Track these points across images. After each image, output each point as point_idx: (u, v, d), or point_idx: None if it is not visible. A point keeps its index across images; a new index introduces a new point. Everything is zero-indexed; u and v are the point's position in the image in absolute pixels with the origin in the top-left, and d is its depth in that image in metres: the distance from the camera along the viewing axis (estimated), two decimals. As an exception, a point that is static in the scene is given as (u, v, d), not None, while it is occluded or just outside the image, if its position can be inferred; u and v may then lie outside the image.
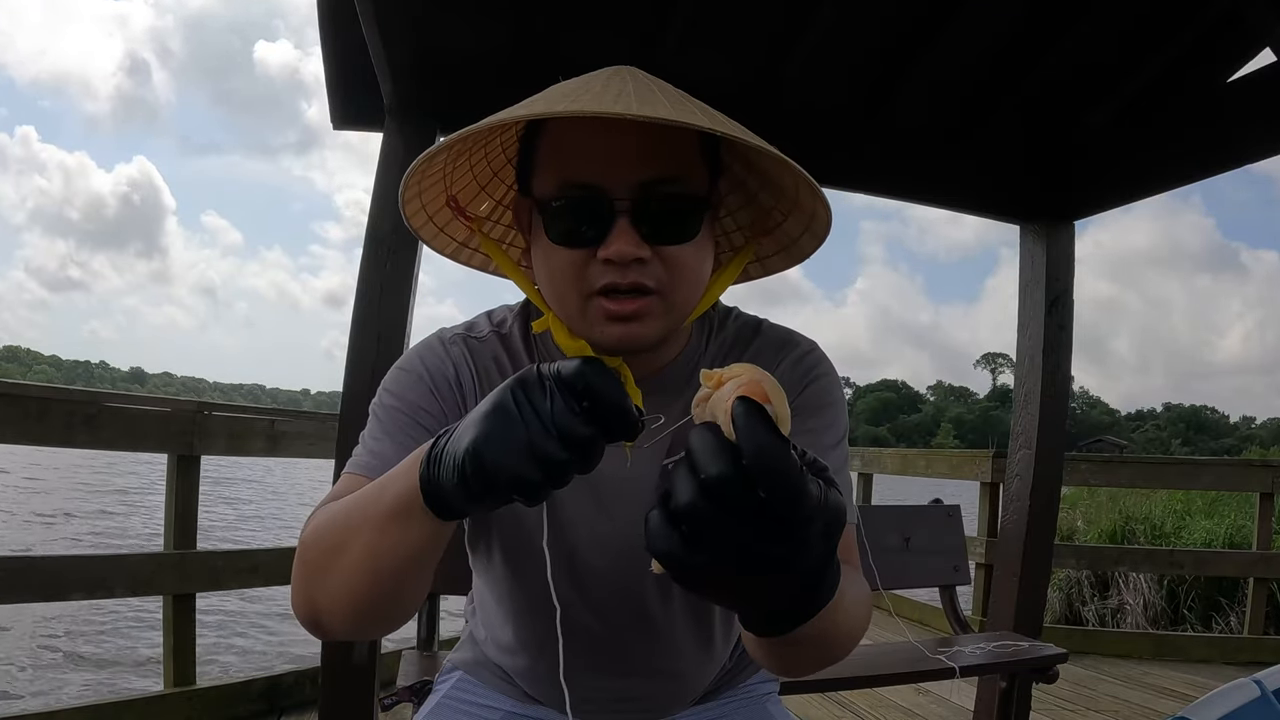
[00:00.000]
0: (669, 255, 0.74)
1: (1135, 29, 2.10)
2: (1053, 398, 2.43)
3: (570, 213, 0.74)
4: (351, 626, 0.71)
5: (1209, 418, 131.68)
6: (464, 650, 1.03)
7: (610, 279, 0.73)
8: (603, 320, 0.75)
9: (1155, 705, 3.33)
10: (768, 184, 0.83)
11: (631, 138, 0.71)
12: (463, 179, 0.86)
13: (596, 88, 0.71)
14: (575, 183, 0.73)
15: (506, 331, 0.88)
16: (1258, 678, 1.04)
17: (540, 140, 0.78)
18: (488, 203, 0.90)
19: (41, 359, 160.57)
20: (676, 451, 0.82)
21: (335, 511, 0.70)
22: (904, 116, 2.26)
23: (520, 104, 0.72)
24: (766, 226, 0.87)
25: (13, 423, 2.42)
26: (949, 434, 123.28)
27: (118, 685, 3.91)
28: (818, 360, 0.89)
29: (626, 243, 0.72)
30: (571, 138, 0.74)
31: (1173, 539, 5.52)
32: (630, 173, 0.72)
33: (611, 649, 0.89)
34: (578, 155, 0.74)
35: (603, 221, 0.72)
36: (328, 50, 1.96)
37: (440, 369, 0.84)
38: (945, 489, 3.30)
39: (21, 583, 2.43)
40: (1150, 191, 2.31)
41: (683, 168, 0.75)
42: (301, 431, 3.12)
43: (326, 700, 1.89)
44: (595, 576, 0.86)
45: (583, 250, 0.74)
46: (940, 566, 2.46)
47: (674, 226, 0.74)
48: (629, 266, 0.72)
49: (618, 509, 0.84)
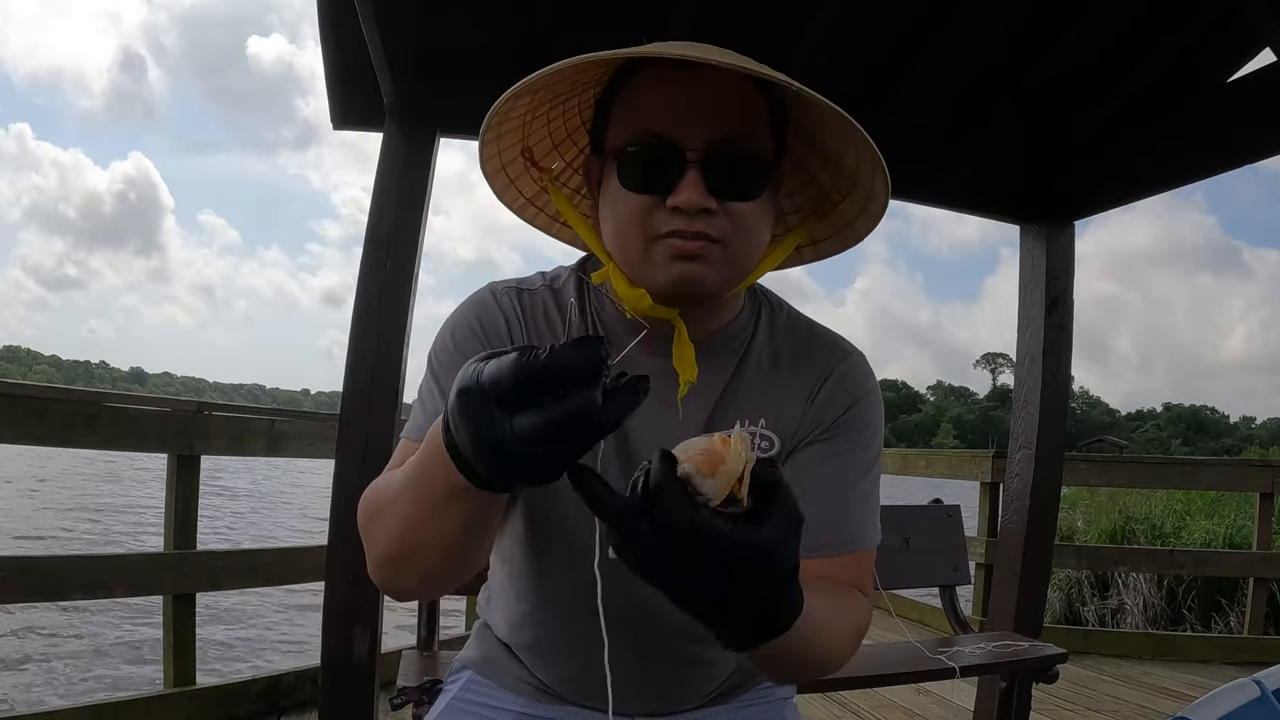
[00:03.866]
0: (734, 210, 0.77)
1: (1135, 29, 2.10)
2: (1053, 398, 2.43)
3: (644, 160, 0.77)
4: (423, 588, 0.76)
5: (1209, 418, 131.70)
6: (474, 648, 1.01)
7: (677, 225, 0.76)
8: (667, 259, 0.77)
9: (1155, 705, 3.33)
10: (828, 163, 0.86)
11: (707, 96, 0.75)
12: (538, 132, 0.88)
13: (681, 44, 0.74)
14: (651, 131, 0.77)
15: (559, 286, 0.90)
16: (1258, 678, 1.05)
17: (618, 98, 0.81)
18: (559, 162, 0.92)
19: (41, 359, 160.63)
20: (714, 426, 0.85)
21: (385, 494, 0.72)
22: (903, 116, 2.26)
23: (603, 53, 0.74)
24: (824, 209, 0.89)
25: (13, 423, 2.42)
26: (949, 434, 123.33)
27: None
28: (865, 376, 0.90)
29: (696, 192, 0.74)
30: (650, 92, 0.78)
31: (1173, 539, 5.52)
32: (704, 128, 0.75)
33: (640, 624, 0.85)
34: (655, 107, 0.77)
35: (674, 171, 0.75)
36: (327, 50, 1.96)
37: (492, 320, 0.86)
38: (945, 489, 3.29)
39: (22, 583, 2.43)
40: (1150, 191, 2.31)
41: (751, 127, 0.78)
42: (301, 432, 3.12)
43: (326, 700, 1.89)
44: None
45: (652, 196, 0.76)
46: (940, 566, 2.46)
47: (740, 183, 0.77)
48: (695, 216, 0.75)
49: None
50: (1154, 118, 2.24)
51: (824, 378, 0.88)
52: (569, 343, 0.51)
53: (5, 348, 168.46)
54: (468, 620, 3.72)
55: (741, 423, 0.87)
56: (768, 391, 0.88)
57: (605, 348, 0.51)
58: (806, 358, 0.89)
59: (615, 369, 0.52)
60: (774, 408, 0.87)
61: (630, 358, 0.81)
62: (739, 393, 0.87)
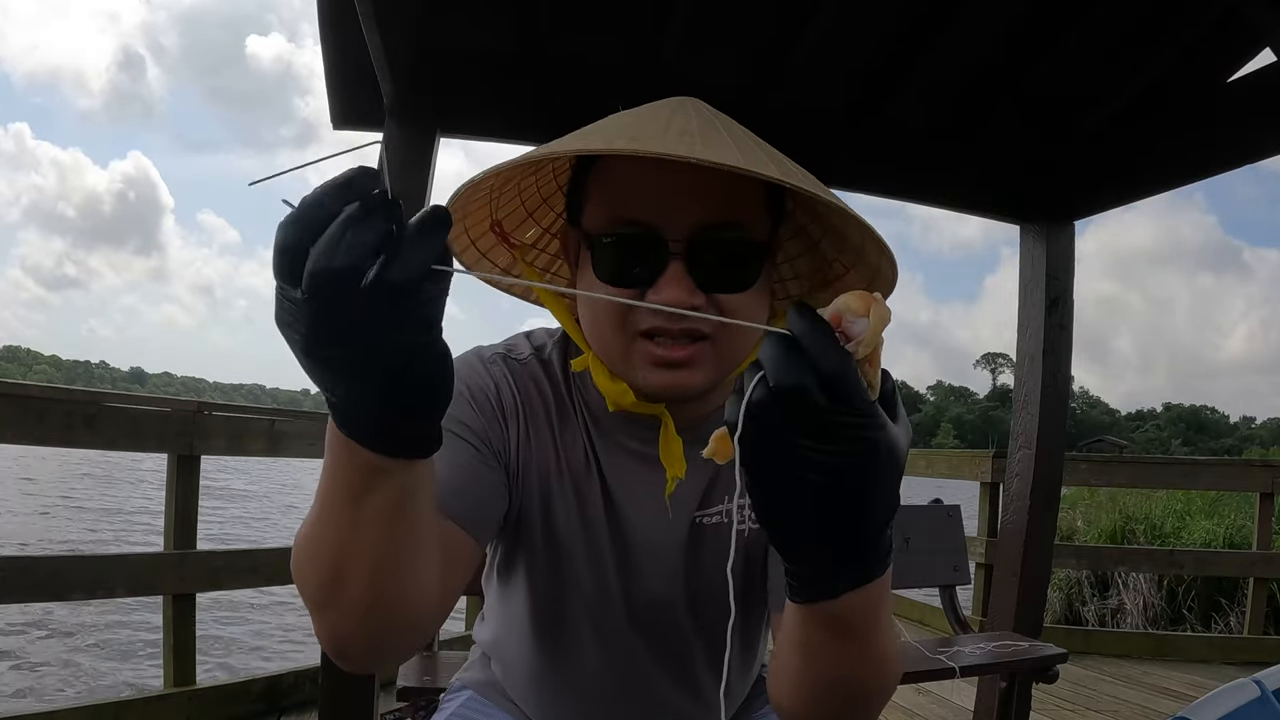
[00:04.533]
0: (723, 303, 0.70)
1: (1135, 29, 2.09)
2: (1053, 398, 2.43)
3: (620, 250, 0.70)
4: (365, 639, 0.62)
5: (1209, 418, 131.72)
6: (474, 670, 1.01)
7: (659, 323, 0.69)
8: (647, 365, 0.71)
9: (1155, 705, 3.33)
10: (831, 233, 0.80)
11: (690, 177, 0.66)
12: (510, 203, 0.82)
13: (660, 123, 0.66)
14: (628, 219, 0.70)
15: (546, 358, 0.84)
16: (1258, 678, 1.05)
17: (594, 170, 0.73)
18: (534, 229, 0.85)
19: (41, 359, 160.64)
20: (705, 505, 0.82)
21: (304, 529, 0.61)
22: (904, 117, 2.26)
23: (576, 133, 0.68)
24: (826, 279, 0.82)
25: (13, 423, 2.42)
26: (949, 434, 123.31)
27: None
28: None
29: (679, 289, 0.67)
30: (627, 172, 0.70)
31: (1173, 539, 5.52)
32: (687, 214, 0.68)
33: (632, 701, 0.89)
34: (632, 191, 0.69)
35: (654, 263, 0.68)
36: (327, 50, 1.96)
37: (480, 385, 0.80)
38: (945, 489, 3.30)
39: (22, 583, 2.43)
40: (1150, 191, 2.31)
41: (743, 211, 0.71)
42: (301, 432, 3.12)
43: (326, 700, 1.89)
44: (626, 630, 0.86)
45: (631, 290, 0.69)
46: (940, 566, 2.47)
47: (730, 274, 0.70)
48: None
49: (648, 569, 0.83)
50: (1154, 118, 2.24)
51: None
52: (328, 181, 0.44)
53: (5, 348, 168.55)
54: (468, 621, 3.72)
55: (729, 497, 0.82)
56: None
57: (372, 178, 0.44)
58: None
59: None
60: None
61: (619, 446, 0.82)
62: (730, 469, 0.85)
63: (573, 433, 0.83)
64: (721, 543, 0.82)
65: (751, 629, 0.91)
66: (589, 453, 0.83)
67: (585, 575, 0.83)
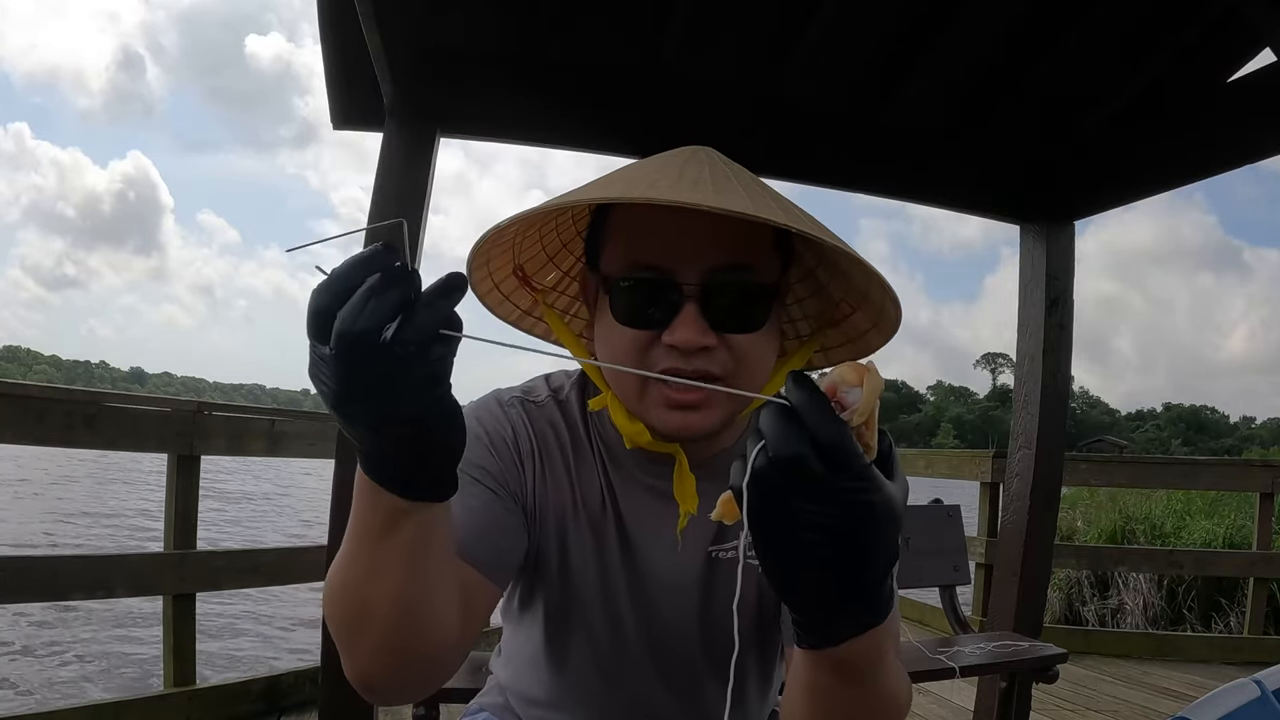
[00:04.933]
0: (735, 344, 0.73)
1: (1135, 29, 2.09)
2: (1053, 398, 2.43)
3: (637, 293, 0.74)
4: (390, 673, 0.66)
5: (1209, 418, 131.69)
6: (492, 695, 1.03)
7: (673, 364, 0.72)
8: (662, 406, 0.74)
9: (1155, 705, 3.33)
10: (838, 276, 0.83)
11: (704, 224, 0.69)
12: (532, 247, 0.86)
13: (674, 172, 0.71)
14: (644, 264, 0.73)
15: (564, 399, 0.88)
16: (1258, 678, 1.05)
17: (612, 217, 0.77)
18: (555, 273, 0.89)
19: (41, 359, 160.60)
20: (720, 540, 0.84)
21: (332, 569, 0.66)
22: (904, 116, 2.26)
23: (595, 182, 0.72)
24: (834, 318, 0.86)
25: (13, 423, 2.42)
26: (949, 434, 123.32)
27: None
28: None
29: (693, 330, 0.71)
30: (644, 219, 0.74)
31: (1173, 539, 5.52)
32: (701, 259, 0.72)
33: (649, 717, 0.90)
34: (649, 237, 0.73)
35: (670, 305, 0.72)
36: (327, 50, 1.96)
37: (498, 429, 0.83)
38: (945, 489, 3.30)
39: (22, 583, 2.43)
40: (1150, 191, 2.31)
41: (754, 256, 0.75)
42: (301, 432, 3.13)
43: (326, 700, 1.89)
44: (641, 661, 0.88)
45: (647, 331, 0.73)
46: (940, 566, 2.47)
47: (742, 315, 0.74)
48: (694, 354, 0.72)
49: (664, 601, 0.86)
50: (1154, 118, 2.24)
51: None
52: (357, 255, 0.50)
53: (5, 348, 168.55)
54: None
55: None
56: None
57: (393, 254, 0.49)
58: None
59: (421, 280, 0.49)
60: None
61: (635, 482, 0.85)
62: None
63: (589, 470, 0.86)
64: (733, 575, 0.82)
65: (767, 662, 0.92)
66: (604, 489, 0.85)
67: (599, 608, 0.86)
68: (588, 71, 2.00)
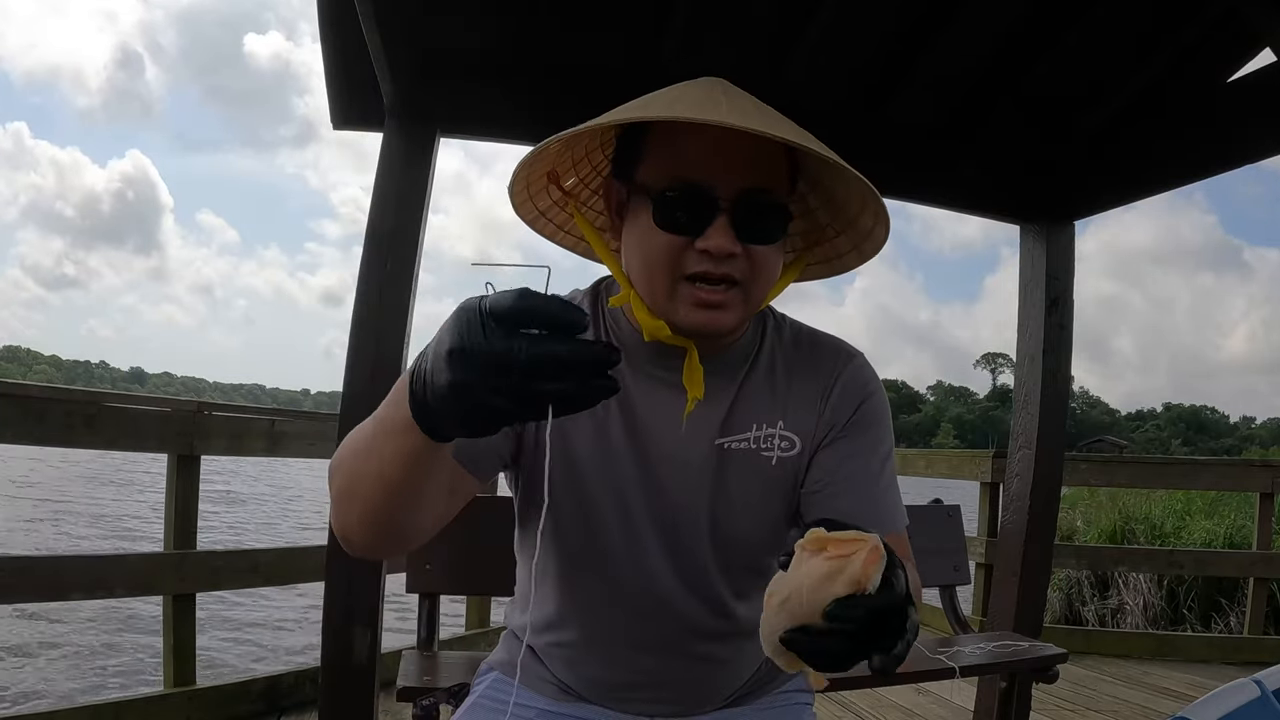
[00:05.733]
0: (755, 253, 0.83)
1: (1135, 29, 2.09)
2: (1053, 398, 2.43)
3: (680, 204, 0.82)
4: (370, 539, 0.79)
5: (1209, 418, 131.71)
6: (501, 651, 1.06)
7: (704, 267, 0.82)
8: (690, 304, 0.83)
9: (1155, 705, 3.33)
10: (829, 203, 0.95)
11: (740, 148, 0.80)
12: (561, 155, 0.93)
13: (718, 98, 0.81)
14: (688, 179, 0.82)
15: (578, 303, 0.92)
16: (1258, 678, 1.05)
17: (649, 135, 0.85)
18: (573, 179, 0.97)
19: (41, 359, 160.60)
20: (728, 432, 0.92)
21: (352, 439, 0.76)
22: (903, 116, 2.26)
23: (637, 102, 0.82)
24: (818, 239, 0.98)
25: (13, 423, 2.42)
26: (949, 434, 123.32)
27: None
28: (870, 375, 0.98)
29: (725, 238, 0.81)
30: (687, 140, 0.82)
31: (1173, 539, 5.52)
32: (736, 178, 0.81)
33: (659, 621, 0.94)
34: (694, 156, 0.82)
35: (706, 216, 0.81)
36: (327, 50, 1.96)
37: None
38: (945, 489, 3.29)
39: (22, 583, 2.43)
40: (1150, 191, 2.31)
41: (774, 179, 0.85)
42: (301, 432, 3.12)
43: (326, 700, 1.89)
44: (649, 547, 0.92)
45: (682, 238, 0.82)
46: (940, 566, 2.46)
47: (764, 229, 0.84)
48: (723, 259, 0.82)
49: (672, 483, 0.91)
50: (1154, 118, 2.24)
51: (832, 381, 0.95)
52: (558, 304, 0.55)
53: (5, 348, 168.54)
54: (468, 621, 3.72)
55: (758, 425, 0.93)
56: (779, 397, 0.94)
57: (584, 325, 0.56)
58: (813, 364, 0.96)
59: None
60: (788, 411, 0.93)
61: (644, 374, 0.91)
62: (751, 399, 0.93)
63: None
64: (745, 467, 0.92)
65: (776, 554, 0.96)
66: None
67: (605, 486, 0.91)
68: (588, 72, 2.00)
